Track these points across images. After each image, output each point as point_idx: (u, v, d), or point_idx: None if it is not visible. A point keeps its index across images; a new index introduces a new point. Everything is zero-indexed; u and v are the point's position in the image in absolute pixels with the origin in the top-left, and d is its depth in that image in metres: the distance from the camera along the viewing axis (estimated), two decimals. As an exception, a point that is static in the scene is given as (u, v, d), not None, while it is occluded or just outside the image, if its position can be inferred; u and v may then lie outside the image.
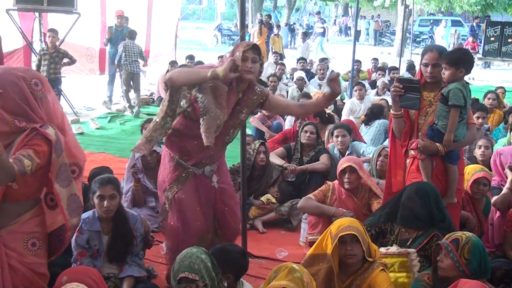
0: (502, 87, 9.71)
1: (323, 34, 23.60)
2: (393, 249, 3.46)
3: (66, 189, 2.75)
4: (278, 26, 19.08)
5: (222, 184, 3.65)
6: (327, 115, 7.15)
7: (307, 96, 8.04)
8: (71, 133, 2.89)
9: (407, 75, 12.62)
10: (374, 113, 7.18)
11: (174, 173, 3.55)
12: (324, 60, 12.71)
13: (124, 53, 9.86)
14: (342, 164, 4.57)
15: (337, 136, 5.73)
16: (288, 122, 7.52)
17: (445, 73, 3.64)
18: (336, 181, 4.69)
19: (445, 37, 23.15)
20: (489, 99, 7.78)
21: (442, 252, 3.06)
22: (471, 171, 4.42)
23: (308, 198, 4.63)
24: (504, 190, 4.35)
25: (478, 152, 5.34)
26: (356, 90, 8.49)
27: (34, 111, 2.65)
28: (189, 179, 3.55)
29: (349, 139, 5.76)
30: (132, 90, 10.33)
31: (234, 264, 3.25)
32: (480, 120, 6.39)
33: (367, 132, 7.04)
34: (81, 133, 8.69)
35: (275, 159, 5.68)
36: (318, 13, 29.51)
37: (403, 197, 3.59)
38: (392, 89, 3.71)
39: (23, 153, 2.54)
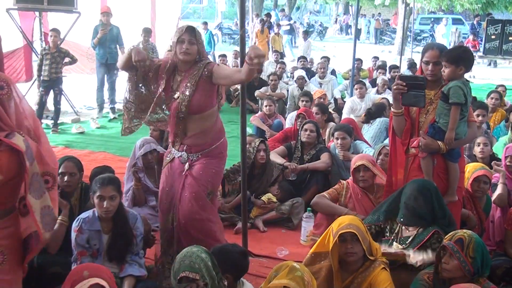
0: (503, 85, 9.69)
1: (289, 32, 22.94)
2: (391, 250, 3.47)
3: (39, 200, 2.49)
4: (278, 25, 19.04)
5: (191, 174, 3.77)
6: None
7: (308, 95, 8.04)
8: (45, 139, 2.61)
9: (407, 73, 12.62)
10: (374, 112, 7.18)
11: (167, 154, 3.96)
12: (324, 58, 12.71)
13: (153, 54, 9.76)
14: (356, 162, 4.57)
15: (337, 138, 5.70)
16: (289, 121, 7.51)
17: (445, 71, 3.64)
18: (350, 179, 4.70)
19: (446, 35, 23.11)
20: (492, 98, 7.77)
21: (446, 254, 3.05)
22: (472, 169, 4.42)
23: (322, 196, 4.62)
24: (499, 186, 4.35)
25: (477, 150, 5.34)
26: (356, 89, 8.48)
27: (1, 118, 2.37)
28: (171, 161, 3.87)
29: (349, 141, 5.73)
30: None
31: (233, 264, 3.24)
32: (480, 118, 6.38)
33: (368, 130, 7.03)
34: (82, 133, 8.71)
35: (276, 158, 5.68)
36: (283, 10, 28.51)
37: (404, 196, 3.58)
38: (395, 87, 3.68)
39: None
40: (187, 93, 3.64)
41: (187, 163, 3.77)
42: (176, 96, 3.69)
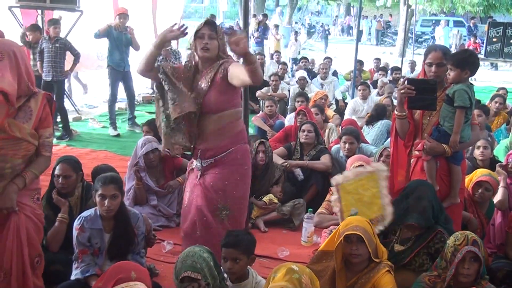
0: (504, 88, 9.67)
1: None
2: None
3: None
4: (276, 26, 18.52)
5: (201, 184, 3.54)
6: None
7: (303, 95, 8.02)
8: None
9: (408, 74, 12.64)
10: (376, 115, 7.21)
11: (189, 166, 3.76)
12: (327, 59, 12.72)
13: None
14: (353, 162, 4.54)
15: (345, 142, 5.65)
16: (287, 122, 7.50)
17: (450, 74, 3.63)
18: None
19: (444, 37, 23.06)
20: (496, 102, 7.75)
21: (466, 259, 3.03)
22: (478, 174, 4.42)
23: (320, 213, 4.58)
24: (500, 189, 4.35)
25: (477, 153, 5.32)
26: (360, 90, 8.49)
27: (32, 77, 3.04)
28: (189, 174, 3.71)
29: (356, 146, 5.70)
30: None
31: (251, 244, 3.32)
32: (479, 119, 6.41)
33: (370, 133, 7.03)
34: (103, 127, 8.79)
35: (276, 159, 5.66)
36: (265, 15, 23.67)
37: (409, 198, 3.59)
38: (402, 91, 3.65)
39: (50, 136, 3.12)
40: (202, 89, 3.39)
41: (200, 172, 3.54)
42: (193, 95, 3.41)
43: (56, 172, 3.86)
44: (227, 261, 3.15)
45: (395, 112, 3.82)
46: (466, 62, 3.61)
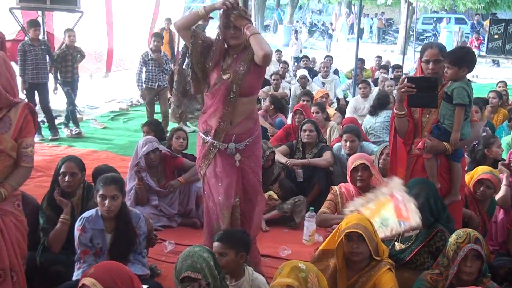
0: (502, 81, 9.54)
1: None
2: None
3: None
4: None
5: (245, 167, 3.65)
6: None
7: (309, 94, 8.02)
8: None
9: (412, 72, 12.61)
10: (380, 103, 7.17)
11: (202, 151, 3.69)
12: (328, 57, 12.67)
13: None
14: (355, 161, 4.52)
15: (346, 141, 5.62)
16: (291, 121, 7.49)
17: (448, 73, 3.63)
18: (341, 185, 4.67)
19: (448, 35, 22.99)
20: (489, 97, 7.73)
21: (468, 257, 3.03)
22: (479, 171, 4.40)
23: (322, 213, 4.58)
24: (502, 187, 4.34)
25: None
26: (360, 88, 8.48)
27: (15, 87, 2.98)
28: (215, 156, 3.64)
29: (357, 143, 5.70)
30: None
31: (244, 242, 3.34)
32: (476, 115, 6.40)
33: (376, 122, 7.03)
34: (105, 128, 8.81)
35: (279, 157, 5.66)
36: None
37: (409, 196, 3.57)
38: (402, 89, 3.64)
39: (28, 146, 3.00)
40: (241, 72, 3.50)
41: (238, 154, 3.61)
42: (226, 76, 3.52)
43: (62, 169, 3.84)
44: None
45: (394, 110, 3.80)
46: (463, 59, 3.62)
